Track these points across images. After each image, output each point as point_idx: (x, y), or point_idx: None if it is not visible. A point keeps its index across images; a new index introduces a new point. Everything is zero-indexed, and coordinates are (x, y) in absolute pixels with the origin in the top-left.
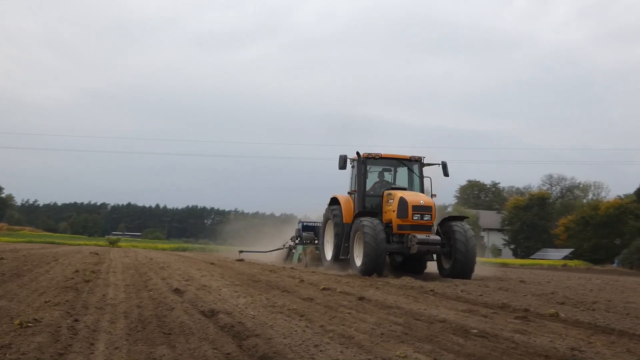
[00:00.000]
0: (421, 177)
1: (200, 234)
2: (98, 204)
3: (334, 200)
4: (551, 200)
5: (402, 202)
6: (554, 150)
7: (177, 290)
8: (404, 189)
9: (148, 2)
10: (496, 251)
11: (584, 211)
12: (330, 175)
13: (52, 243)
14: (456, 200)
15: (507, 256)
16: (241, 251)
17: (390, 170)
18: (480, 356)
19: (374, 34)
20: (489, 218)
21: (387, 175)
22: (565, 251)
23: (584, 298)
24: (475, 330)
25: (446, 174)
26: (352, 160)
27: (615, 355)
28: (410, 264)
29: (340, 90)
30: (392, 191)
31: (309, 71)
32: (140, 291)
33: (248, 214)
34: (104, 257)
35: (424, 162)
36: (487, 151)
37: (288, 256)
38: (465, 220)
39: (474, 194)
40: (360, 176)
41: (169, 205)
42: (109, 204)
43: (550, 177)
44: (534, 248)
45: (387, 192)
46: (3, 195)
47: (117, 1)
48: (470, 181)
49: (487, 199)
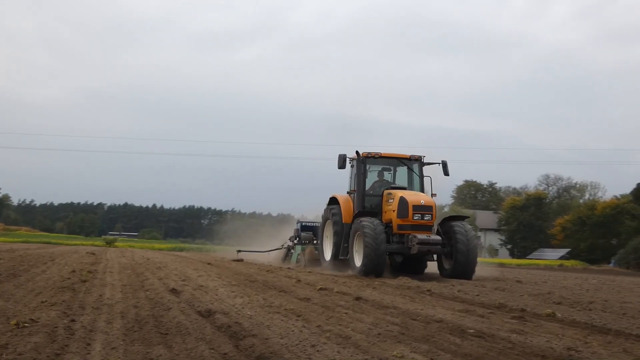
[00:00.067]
0: (421, 177)
1: (197, 234)
2: (95, 203)
3: (333, 200)
4: (548, 200)
5: (403, 202)
6: (551, 150)
7: (174, 291)
8: (404, 189)
9: (147, 2)
10: (493, 251)
11: (580, 211)
12: (327, 175)
13: (49, 243)
14: (453, 200)
15: (504, 256)
16: (239, 251)
17: (389, 170)
18: (477, 356)
19: (373, 34)
20: (485, 218)
21: (387, 175)
22: (562, 251)
23: (581, 298)
24: (472, 330)
25: (446, 173)
26: (352, 159)
27: (611, 355)
28: (410, 264)
29: (339, 90)
30: (392, 191)
31: (307, 71)
32: (137, 291)
33: (245, 214)
34: (101, 257)
35: (424, 161)
36: (484, 151)
37: (286, 256)
38: (466, 220)
39: (471, 194)
40: (360, 175)
41: (166, 205)
42: (105, 204)
43: (547, 177)
44: (530, 248)
45: (387, 192)
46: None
47: (116, 1)
48: (467, 181)
49: (484, 199)
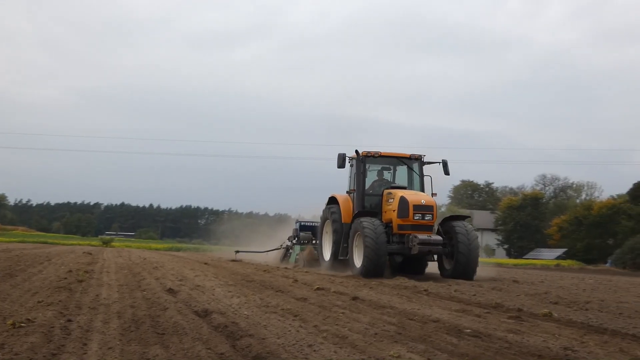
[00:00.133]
0: (421, 176)
1: (194, 234)
2: (91, 203)
3: (332, 200)
4: (544, 200)
5: (403, 202)
6: (548, 151)
7: (171, 290)
8: (404, 188)
9: (146, 2)
10: (490, 251)
11: (577, 211)
12: (325, 175)
13: (45, 243)
14: (450, 200)
15: (501, 256)
16: (237, 251)
17: (389, 169)
18: (473, 356)
19: (371, 34)
20: (482, 218)
21: (386, 174)
22: (559, 251)
23: (577, 298)
24: (468, 330)
25: (447, 172)
26: (351, 158)
27: (608, 354)
28: (410, 265)
29: (336, 90)
30: (392, 190)
31: (305, 71)
32: (133, 291)
33: (242, 214)
34: (98, 257)
35: (424, 161)
36: (481, 151)
37: (285, 256)
38: (467, 220)
39: (468, 194)
40: (360, 175)
41: (163, 205)
42: (102, 204)
43: (544, 177)
44: (527, 248)
45: (387, 191)
46: None
47: (115, 1)
48: (463, 181)
49: (481, 199)
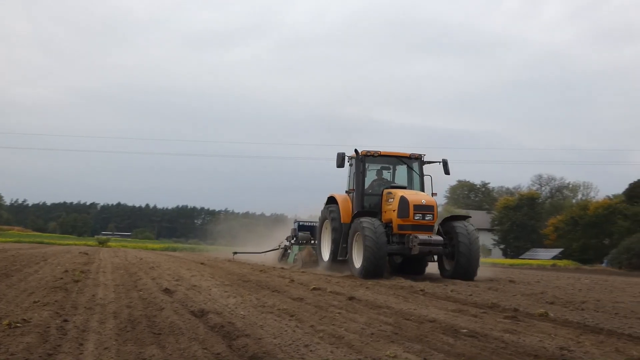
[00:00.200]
0: (421, 176)
1: (190, 234)
2: (87, 203)
3: (331, 199)
4: (541, 200)
5: (403, 201)
6: (544, 151)
7: (167, 290)
8: (404, 188)
9: (144, 2)
10: (486, 251)
11: (573, 211)
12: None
13: (41, 243)
14: (446, 200)
15: (497, 256)
16: (235, 252)
17: (389, 169)
18: (469, 356)
19: (367, 34)
20: (478, 218)
21: (386, 174)
22: (555, 251)
23: (573, 298)
24: (464, 330)
25: (447, 172)
26: (350, 158)
27: (603, 354)
28: (409, 265)
29: (333, 90)
30: (392, 190)
31: (301, 71)
32: (129, 291)
33: (238, 213)
34: (94, 257)
35: (424, 160)
36: (478, 151)
37: (283, 256)
38: (468, 220)
39: (464, 194)
40: (359, 174)
41: (159, 205)
42: (98, 204)
43: (540, 177)
44: (523, 248)
45: (387, 191)
46: None
47: (111, 1)
48: (460, 181)
49: (477, 199)
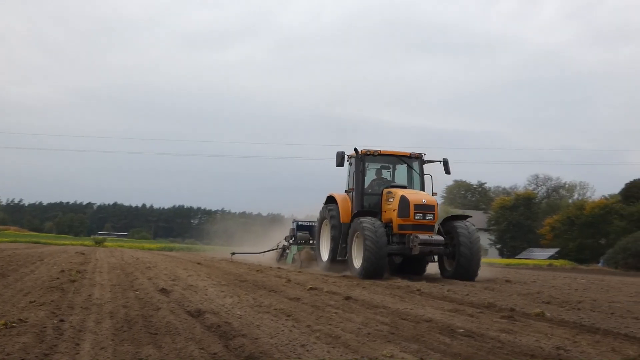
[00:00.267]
0: (421, 175)
1: (186, 233)
2: (84, 203)
3: (331, 199)
4: (537, 200)
5: (404, 201)
6: (540, 151)
7: (164, 290)
8: (404, 187)
9: (140, 2)
10: (483, 251)
11: (569, 211)
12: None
13: (38, 243)
14: (442, 200)
15: (493, 256)
16: (233, 253)
17: (388, 168)
18: (466, 355)
19: (363, 34)
20: (475, 218)
21: (385, 173)
22: (551, 251)
23: (570, 297)
24: (461, 330)
25: (447, 171)
26: (350, 157)
27: (600, 354)
28: (409, 265)
29: (329, 90)
30: (392, 189)
31: (296, 71)
32: (126, 291)
33: (235, 213)
34: (90, 257)
35: (425, 159)
36: (474, 151)
37: (282, 257)
38: (469, 219)
39: (460, 194)
40: (359, 173)
41: (156, 205)
42: (95, 204)
43: (536, 177)
44: (520, 248)
45: (387, 191)
46: None
47: (107, 1)
48: (456, 181)
49: (474, 198)
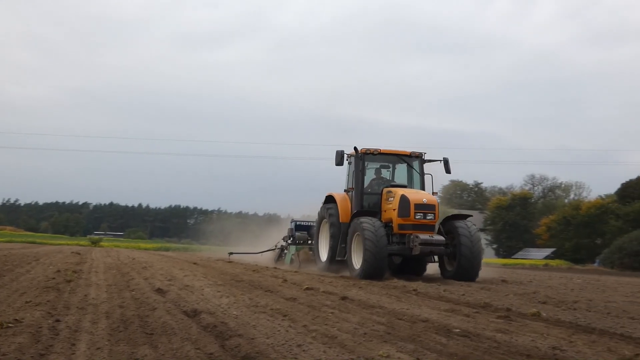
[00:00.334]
0: (422, 174)
1: (182, 233)
2: (80, 203)
3: (330, 199)
4: (533, 200)
5: (404, 200)
6: (536, 151)
7: (160, 290)
8: (404, 187)
9: (136, 2)
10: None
11: (565, 211)
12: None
13: (33, 243)
14: (439, 200)
15: (490, 256)
16: (231, 253)
17: (388, 167)
18: (462, 355)
19: (359, 34)
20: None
21: (385, 172)
22: (547, 251)
23: (565, 297)
24: (457, 330)
25: (448, 171)
26: (349, 156)
27: (596, 354)
28: (409, 266)
29: (324, 90)
30: (392, 189)
31: (293, 71)
32: (122, 291)
33: (231, 213)
34: (86, 257)
35: (425, 159)
36: (470, 151)
37: (280, 257)
38: (469, 219)
39: (457, 194)
40: (358, 173)
41: (152, 205)
42: (91, 204)
43: (532, 177)
44: (516, 248)
45: (387, 190)
46: None
47: (103, 1)
48: (452, 181)
49: (470, 198)
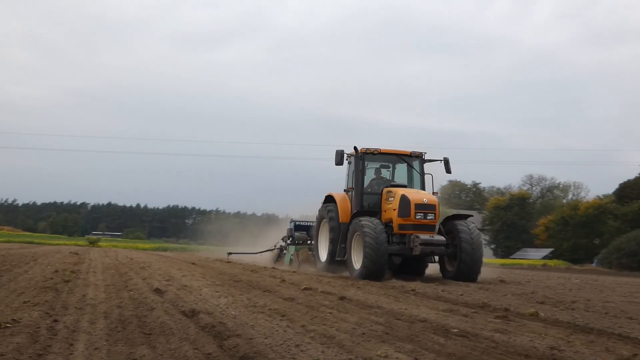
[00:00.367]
0: (422, 174)
1: (181, 233)
2: (78, 203)
3: (329, 198)
4: (531, 200)
5: (404, 200)
6: (535, 151)
7: (158, 290)
8: (405, 187)
9: (133, 2)
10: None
11: (563, 211)
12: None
13: (31, 243)
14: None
15: (488, 256)
16: (230, 253)
17: (388, 167)
18: (460, 355)
19: (358, 34)
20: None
21: (384, 172)
22: (545, 251)
23: (564, 297)
24: (455, 330)
25: (448, 170)
26: (349, 155)
27: (594, 354)
28: (409, 266)
29: (324, 90)
30: (393, 188)
31: (291, 71)
32: (120, 291)
33: (229, 213)
34: (84, 257)
35: (425, 158)
36: (468, 151)
37: (279, 257)
38: (470, 219)
39: (455, 194)
40: (358, 173)
41: (150, 205)
42: (89, 204)
43: (531, 178)
44: (514, 248)
45: (387, 190)
46: None
47: (102, 1)
48: (451, 181)
49: (468, 199)
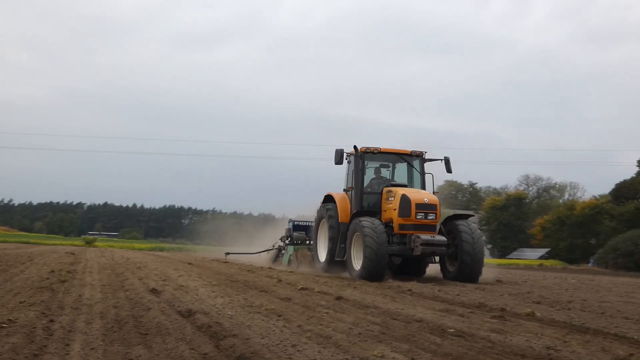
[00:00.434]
0: (422, 174)
1: (177, 233)
2: (74, 203)
3: (329, 198)
4: (528, 200)
5: (405, 200)
6: (531, 151)
7: (154, 291)
8: (405, 186)
9: (131, 2)
10: None
11: (560, 211)
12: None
13: (27, 243)
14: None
15: (485, 256)
16: (227, 253)
17: (388, 166)
18: (457, 355)
19: (356, 34)
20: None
21: (385, 172)
22: (542, 251)
23: (560, 297)
24: (452, 330)
25: (449, 170)
26: (349, 155)
27: (590, 354)
28: (409, 266)
29: (321, 90)
30: (393, 188)
31: (288, 71)
32: (116, 291)
33: (226, 213)
34: (80, 257)
35: (426, 158)
36: (465, 151)
37: (277, 257)
38: (471, 219)
39: (451, 194)
40: (358, 172)
41: (146, 205)
42: (85, 204)
43: (527, 178)
44: (510, 248)
45: (387, 189)
46: None
47: (99, 1)
48: (447, 181)
49: (464, 199)
